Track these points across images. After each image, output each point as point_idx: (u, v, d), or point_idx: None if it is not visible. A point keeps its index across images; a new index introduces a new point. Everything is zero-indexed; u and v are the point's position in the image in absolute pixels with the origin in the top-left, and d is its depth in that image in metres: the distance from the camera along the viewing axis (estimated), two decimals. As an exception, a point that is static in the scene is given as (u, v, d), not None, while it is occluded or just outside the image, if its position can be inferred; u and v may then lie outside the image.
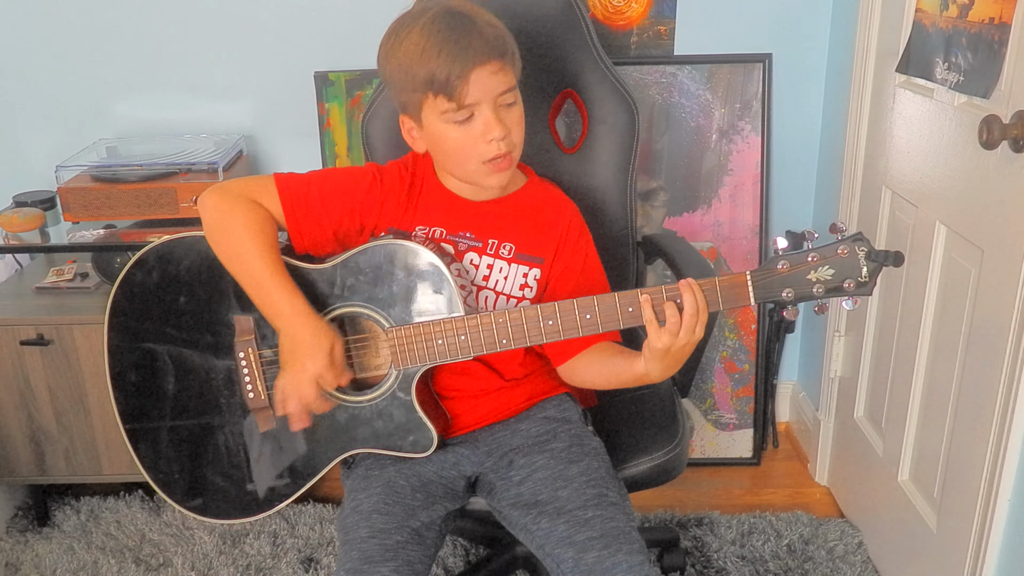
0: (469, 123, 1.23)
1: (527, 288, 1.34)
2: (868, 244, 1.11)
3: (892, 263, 1.11)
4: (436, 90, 1.20)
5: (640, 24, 2.01)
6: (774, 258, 1.13)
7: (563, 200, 1.42)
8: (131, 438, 1.34)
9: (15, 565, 1.90)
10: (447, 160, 1.30)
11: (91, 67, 2.03)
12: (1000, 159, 1.32)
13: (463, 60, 1.18)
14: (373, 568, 1.15)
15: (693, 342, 1.15)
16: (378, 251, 1.26)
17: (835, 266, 1.12)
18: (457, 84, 1.19)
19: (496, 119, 1.23)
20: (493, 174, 1.27)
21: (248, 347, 1.30)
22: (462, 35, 1.19)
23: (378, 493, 1.26)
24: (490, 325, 1.21)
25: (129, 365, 1.33)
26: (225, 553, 1.90)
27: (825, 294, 1.13)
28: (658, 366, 1.18)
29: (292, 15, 1.99)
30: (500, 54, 1.22)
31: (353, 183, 1.31)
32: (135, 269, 1.32)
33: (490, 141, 1.23)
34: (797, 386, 2.34)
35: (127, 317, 1.32)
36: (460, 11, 1.22)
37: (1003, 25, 1.30)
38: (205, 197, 1.27)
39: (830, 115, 2.06)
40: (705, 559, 1.87)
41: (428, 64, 1.19)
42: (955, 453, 1.50)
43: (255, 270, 1.23)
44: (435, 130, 1.25)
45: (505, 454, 1.33)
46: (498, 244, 1.33)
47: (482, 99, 1.21)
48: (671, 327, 1.13)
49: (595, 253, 1.40)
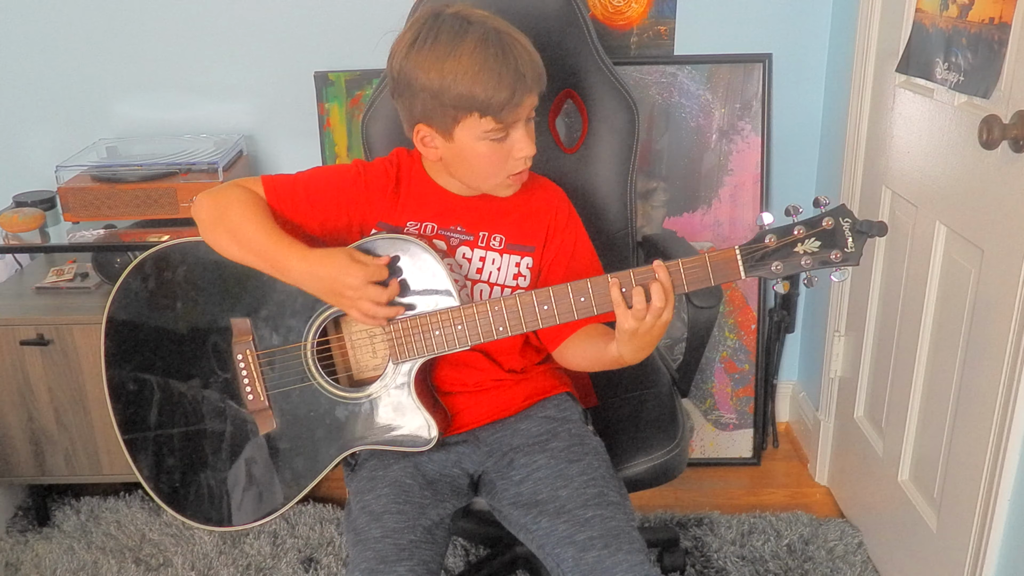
0: (503, 141, 1.25)
1: (521, 277, 1.35)
2: (851, 215, 1.13)
3: (876, 233, 1.12)
4: (487, 112, 1.22)
5: (640, 24, 2.01)
6: (762, 232, 1.15)
7: (549, 186, 1.43)
8: (130, 449, 1.34)
9: (15, 565, 1.90)
10: (469, 172, 1.31)
11: (91, 67, 2.03)
12: (1000, 159, 1.32)
13: (523, 88, 1.22)
14: (389, 568, 1.15)
15: (661, 324, 1.17)
16: (370, 247, 1.26)
17: (821, 238, 1.13)
18: (512, 110, 1.22)
19: (529, 139, 1.27)
20: (514, 185, 1.32)
21: (246, 349, 1.30)
22: (520, 63, 1.22)
23: (387, 493, 1.26)
24: (486, 313, 1.22)
25: (127, 376, 1.33)
26: (225, 553, 1.90)
27: (813, 265, 1.14)
28: (628, 348, 1.20)
29: (292, 15, 1.99)
30: (544, 81, 1.27)
31: (338, 179, 1.33)
32: (130, 279, 1.32)
33: (520, 158, 1.27)
34: (797, 386, 2.34)
35: (123, 327, 1.32)
36: (507, 34, 1.23)
37: (1003, 25, 1.30)
38: (198, 199, 1.29)
39: (830, 115, 2.06)
40: (705, 559, 1.87)
41: (485, 87, 1.20)
42: (955, 453, 1.50)
43: (255, 238, 1.24)
44: (468, 146, 1.26)
45: (505, 454, 1.33)
46: (489, 236, 1.34)
47: (521, 118, 1.25)
48: (636, 312, 1.15)
49: (585, 236, 1.41)
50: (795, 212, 1.14)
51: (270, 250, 1.24)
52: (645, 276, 1.16)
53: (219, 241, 1.27)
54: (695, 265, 1.16)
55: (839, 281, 1.16)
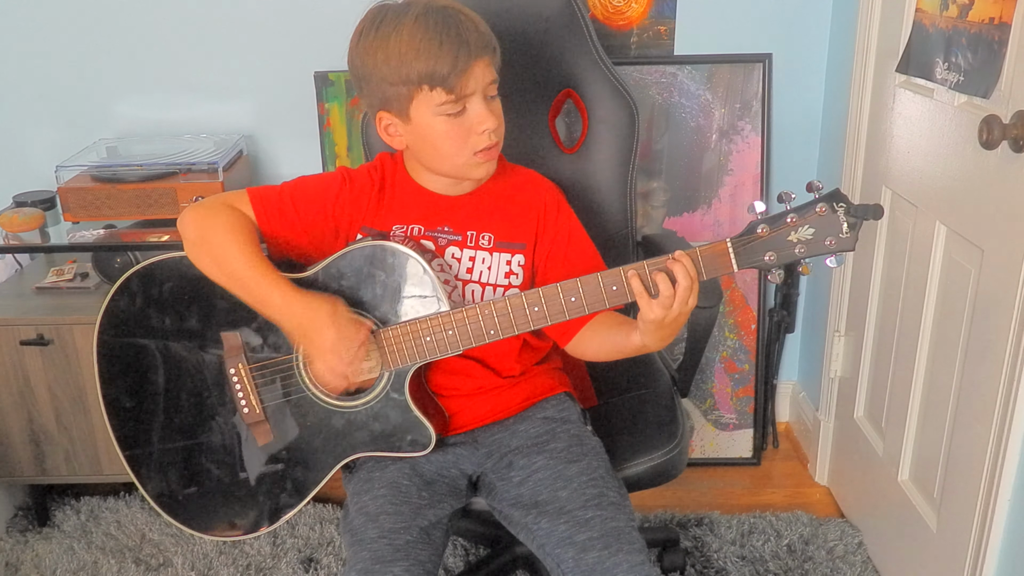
0: (461, 116, 1.24)
1: (513, 275, 1.34)
2: (846, 200, 1.11)
3: (872, 216, 1.11)
4: (435, 83, 1.21)
5: (640, 24, 2.01)
6: (753, 223, 1.14)
7: (537, 180, 1.41)
8: (131, 465, 1.34)
9: (15, 565, 1.90)
10: (435, 154, 1.29)
11: (91, 67, 2.03)
12: (1000, 159, 1.32)
13: (465, 53, 1.20)
14: (385, 568, 1.15)
15: (686, 312, 1.16)
16: (357, 254, 1.25)
17: (815, 225, 1.11)
18: (458, 77, 1.20)
19: (489, 110, 1.25)
20: (482, 164, 1.28)
21: (238, 363, 1.30)
22: (460, 29, 1.21)
23: (383, 494, 1.26)
24: (476, 317, 1.21)
25: (122, 392, 1.33)
26: (225, 553, 1.90)
27: (807, 253, 1.13)
28: (654, 337, 1.20)
29: (292, 15, 1.99)
30: (492, 48, 1.25)
31: (324, 187, 1.33)
32: (118, 296, 1.31)
33: (482, 132, 1.24)
34: (797, 386, 2.34)
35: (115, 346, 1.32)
36: (448, 7, 1.24)
37: (1003, 25, 1.30)
38: (183, 215, 1.29)
39: (830, 115, 2.06)
40: (705, 559, 1.87)
41: (428, 58, 1.20)
42: (955, 453, 1.50)
43: (238, 269, 1.24)
44: (426, 124, 1.25)
45: (504, 455, 1.33)
46: (477, 235, 1.33)
47: (476, 91, 1.23)
48: (664, 300, 1.14)
49: (579, 226, 1.40)
50: (788, 199, 1.12)
51: (250, 281, 1.24)
52: (659, 266, 1.15)
53: (202, 264, 1.27)
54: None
55: (834, 267, 1.15)
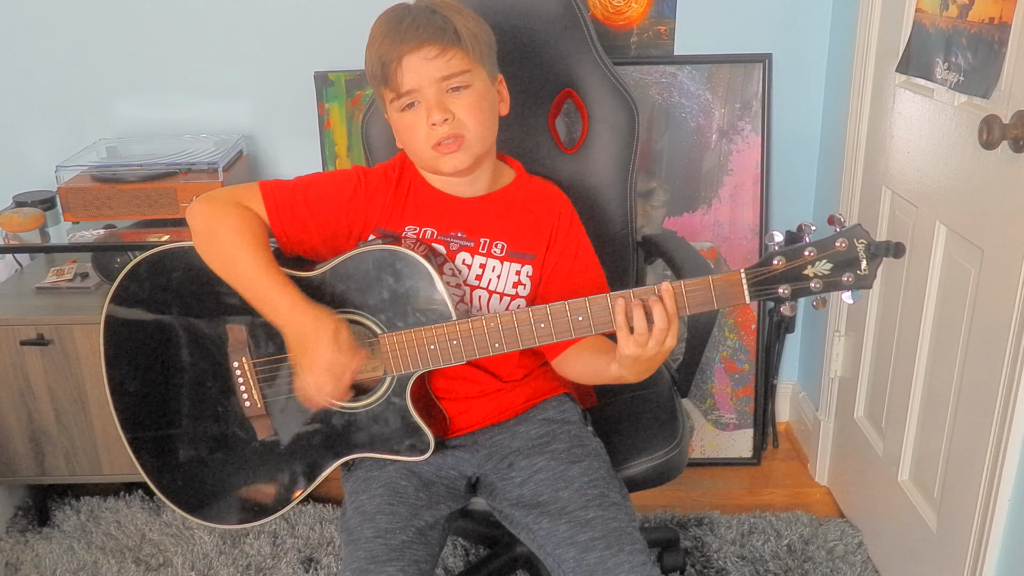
0: (414, 110, 1.24)
1: (520, 286, 1.33)
2: (867, 236, 1.08)
3: (893, 254, 1.07)
4: (378, 81, 1.25)
5: (640, 24, 2.01)
6: (769, 254, 1.10)
7: (553, 193, 1.41)
8: (133, 447, 1.34)
9: (15, 565, 1.90)
10: (408, 150, 1.31)
11: (91, 67, 2.03)
12: (1000, 159, 1.32)
13: (396, 47, 1.21)
14: (379, 568, 1.15)
15: (664, 351, 1.13)
16: (367, 257, 1.24)
17: (833, 260, 1.08)
18: (393, 71, 1.22)
19: (436, 103, 1.22)
20: (443, 157, 1.26)
21: (242, 356, 1.29)
22: (398, 24, 1.22)
23: (380, 494, 1.26)
24: (482, 329, 1.19)
25: (127, 376, 1.33)
26: (225, 553, 1.90)
27: (823, 289, 1.09)
28: (630, 371, 1.18)
29: (292, 15, 1.99)
30: (436, 39, 1.21)
31: (338, 186, 1.31)
32: (126, 281, 1.31)
33: (432, 125, 1.23)
34: (797, 386, 2.34)
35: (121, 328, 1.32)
36: (424, 5, 1.25)
37: (1003, 25, 1.30)
38: (193, 207, 1.27)
39: (830, 115, 2.06)
40: (705, 559, 1.87)
41: (373, 54, 1.24)
42: (955, 453, 1.50)
43: (247, 271, 1.23)
44: (393, 120, 1.28)
45: (505, 456, 1.33)
46: (490, 243, 1.32)
47: (422, 85, 1.22)
48: (639, 338, 1.12)
49: (588, 244, 1.39)
50: (808, 231, 1.09)
51: (259, 283, 1.22)
52: (647, 294, 1.13)
53: (209, 259, 1.26)
54: (698, 288, 1.12)
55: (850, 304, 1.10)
